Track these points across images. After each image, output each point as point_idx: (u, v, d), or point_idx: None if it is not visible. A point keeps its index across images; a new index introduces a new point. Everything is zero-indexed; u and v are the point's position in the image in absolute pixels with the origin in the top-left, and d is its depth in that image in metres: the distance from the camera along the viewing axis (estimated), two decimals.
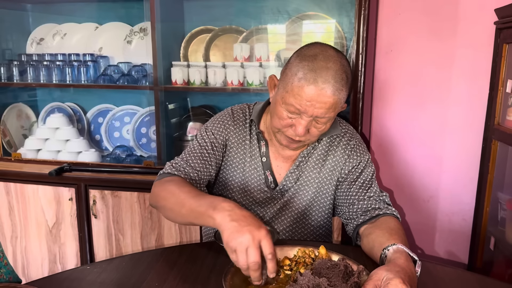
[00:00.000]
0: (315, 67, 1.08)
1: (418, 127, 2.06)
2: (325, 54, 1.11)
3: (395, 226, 1.11)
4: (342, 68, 1.11)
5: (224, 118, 1.34)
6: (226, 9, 2.20)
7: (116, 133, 2.44)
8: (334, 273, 0.90)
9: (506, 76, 1.72)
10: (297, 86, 1.09)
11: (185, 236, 1.97)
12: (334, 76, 1.08)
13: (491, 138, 1.79)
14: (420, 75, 2.01)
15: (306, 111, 1.10)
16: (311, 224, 1.33)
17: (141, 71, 2.22)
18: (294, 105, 1.10)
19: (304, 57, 1.11)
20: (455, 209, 2.08)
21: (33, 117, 2.53)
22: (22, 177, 2.08)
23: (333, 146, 1.31)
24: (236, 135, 1.32)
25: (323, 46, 1.14)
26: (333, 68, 1.09)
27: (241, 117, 1.34)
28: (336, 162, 1.30)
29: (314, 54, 1.11)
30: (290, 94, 1.10)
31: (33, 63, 2.32)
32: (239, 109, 1.36)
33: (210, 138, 1.30)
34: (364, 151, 1.32)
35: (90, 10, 2.40)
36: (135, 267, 1.08)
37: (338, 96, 1.10)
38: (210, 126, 1.33)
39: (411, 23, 1.98)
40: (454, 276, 1.08)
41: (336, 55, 1.12)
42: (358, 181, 1.27)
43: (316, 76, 1.07)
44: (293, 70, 1.11)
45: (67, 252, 2.09)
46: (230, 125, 1.32)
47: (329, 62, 1.09)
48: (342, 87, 1.10)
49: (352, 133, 1.34)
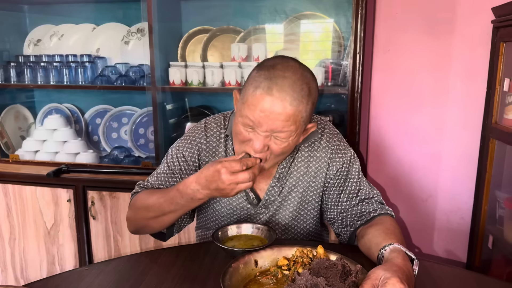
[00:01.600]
0: (271, 75, 1.01)
1: (415, 127, 2.06)
2: (285, 64, 1.04)
3: (391, 225, 1.10)
4: (303, 79, 1.03)
5: (196, 135, 1.26)
6: (224, 9, 2.20)
7: (114, 134, 2.44)
8: (332, 273, 0.90)
9: (504, 74, 1.72)
10: (251, 96, 1.02)
11: (184, 237, 1.96)
12: (291, 85, 1.00)
13: (489, 137, 1.79)
14: (418, 74, 2.01)
15: (261, 123, 1.02)
16: (300, 232, 1.31)
17: (139, 71, 2.21)
18: (249, 116, 1.02)
19: (262, 67, 1.05)
20: (453, 208, 2.08)
21: (30, 119, 2.53)
22: (20, 178, 2.07)
23: (314, 151, 1.24)
24: (209, 153, 1.25)
25: (285, 58, 1.08)
26: (291, 77, 1.01)
27: (215, 132, 1.26)
28: (318, 168, 1.24)
29: (273, 64, 1.05)
30: (246, 105, 1.03)
31: (30, 64, 2.31)
32: (213, 123, 1.27)
33: (180, 161, 1.24)
34: (346, 149, 1.25)
35: (87, 11, 2.40)
36: (133, 268, 1.08)
37: (296, 107, 1.01)
38: (181, 146, 1.26)
39: (408, 22, 1.98)
40: (452, 275, 1.08)
41: (298, 66, 1.06)
42: (346, 185, 1.23)
43: (271, 84, 1.00)
44: (250, 80, 1.05)
45: (66, 254, 2.09)
46: (202, 144, 1.25)
47: (287, 71, 1.02)
48: (301, 99, 1.01)
49: (330, 131, 1.26)
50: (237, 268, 0.98)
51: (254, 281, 0.98)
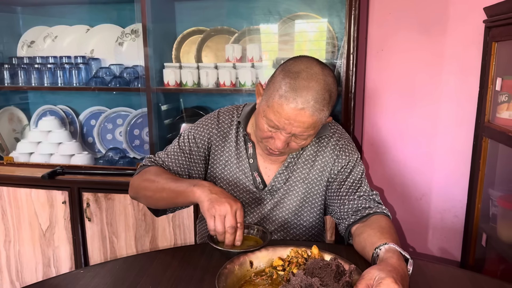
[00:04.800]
0: (297, 86, 1.07)
1: (409, 126, 2.08)
2: (309, 72, 1.09)
3: (386, 225, 1.12)
4: (326, 87, 1.09)
5: (208, 121, 1.35)
6: (218, 10, 2.20)
7: (109, 135, 2.43)
8: (326, 273, 0.91)
9: (496, 74, 1.74)
10: (277, 103, 1.09)
11: (180, 238, 1.97)
12: (315, 97, 1.07)
13: (482, 136, 1.81)
14: (411, 74, 2.03)
15: (285, 128, 1.11)
16: (303, 224, 1.33)
17: (133, 73, 2.21)
18: (273, 121, 1.11)
19: (288, 73, 1.10)
20: (447, 206, 2.10)
21: (25, 120, 2.52)
22: (15, 181, 2.07)
23: (322, 146, 1.31)
24: (220, 138, 1.33)
25: (309, 62, 1.12)
26: (315, 88, 1.08)
27: (227, 120, 1.35)
28: (325, 163, 1.30)
29: (298, 71, 1.10)
30: (271, 109, 1.11)
31: (24, 66, 2.31)
32: (226, 112, 1.37)
33: (191, 143, 1.33)
34: (353, 151, 1.32)
35: (81, 12, 2.39)
36: (129, 270, 1.08)
37: (318, 116, 1.09)
38: (193, 130, 1.35)
39: (401, 22, 1.99)
40: (446, 274, 1.09)
41: (321, 72, 1.10)
42: (347, 180, 1.27)
43: (296, 95, 1.07)
44: (276, 86, 1.11)
45: (61, 256, 2.09)
46: (214, 129, 1.33)
47: (311, 81, 1.08)
48: (323, 107, 1.09)
49: (341, 133, 1.34)
50: (232, 269, 0.98)
51: (249, 282, 0.98)
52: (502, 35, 1.66)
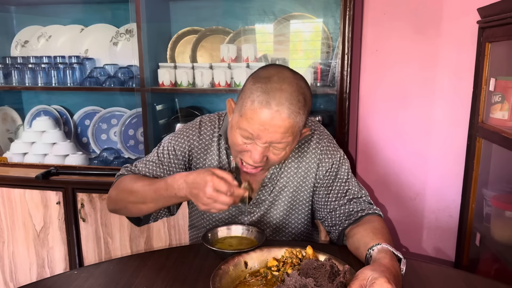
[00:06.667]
0: (269, 89, 1.03)
1: (403, 126, 2.08)
2: (280, 76, 1.05)
3: (379, 225, 1.12)
4: (299, 90, 1.05)
5: (190, 132, 1.28)
6: (213, 10, 2.20)
7: (103, 135, 2.43)
8: (320, 273, 0.91)
9: (489, 74, 1.75)
10: (250, 109, 1.03)
11: (175, 238, 1.96)
12: (289, 98, 1.02)
13: (476, 136, 1.82)
14: (405, 74, 2.03)
15: (260, 136, 1.04)
16: (291, 232, 1.32)
17: (128, 73, 2.21)
18: (248, 129, 1.04)
19: (258, 79, 1.06)
20: (441, 206, 2.11)
21: (18, 121, 2.51)
22: (9, 181, 2.06)
23: (304, 152, 1.27)
24: (201, 150, 1.27)
25: (279, 68, 1.09)
26: (288, 90, 1.03)
27: (208, 131, 1.28)
28: (308, 168, 1.26)
29: (268, 76, 1.05)
30: (244, 118, 1.05)
31: (18, 66, 2.29)
32: (208, 122, 1.30)
33: (170, 154, 1.26)
34: (335, 150, 1.28)
35: (75, 12, 2.38)
36: (123, 271, 1.08)
37: (294, 119, 1.03)
38: (173, 140, 1.28)
39: (395, 23, 2.00)
40: (440, 274, 1.10)
41: (293, 76, 1.07)
42: (335, 185, 1.25)
43: (269, 98, 1.02)
44: (247, 93, 1.06)
45: (56, 256, 2.08)
46: (195, 140, 1.27)
47: (283, 83, 1.03)
48: (298, 110, 1.04)
49: (320, 132, 1.29)
50: (227, 269, 0.98)
51: (244, 283, 0.98)
52: (496, 36, 1.67)
